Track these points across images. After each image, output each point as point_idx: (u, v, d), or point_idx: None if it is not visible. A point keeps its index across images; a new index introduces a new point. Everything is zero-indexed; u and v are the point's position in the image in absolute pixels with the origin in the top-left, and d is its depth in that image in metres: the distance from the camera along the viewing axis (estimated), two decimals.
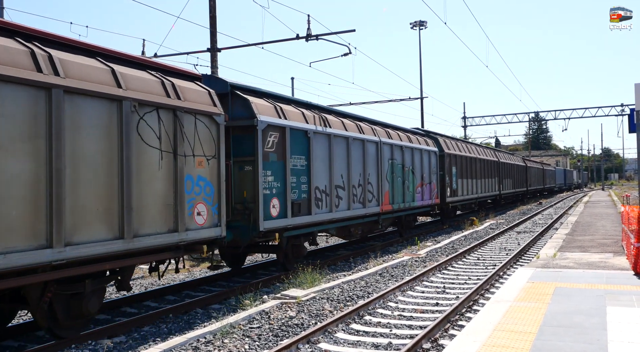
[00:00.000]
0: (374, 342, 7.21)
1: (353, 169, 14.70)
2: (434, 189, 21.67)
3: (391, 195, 17.19)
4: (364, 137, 15.49)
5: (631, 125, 14.33)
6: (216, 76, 11.27)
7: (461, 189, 25.56)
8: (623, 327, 6.41)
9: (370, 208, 15.61)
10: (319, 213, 12.92)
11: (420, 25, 43.19)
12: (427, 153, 21.02)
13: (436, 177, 21.89)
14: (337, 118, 14.74)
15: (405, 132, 20.26)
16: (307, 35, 19.24)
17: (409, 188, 18.84)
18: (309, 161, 12.55)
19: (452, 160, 24.29)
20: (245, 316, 8.32)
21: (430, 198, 21.14)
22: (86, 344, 7.38)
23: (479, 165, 29.31)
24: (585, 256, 12.54)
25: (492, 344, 5.93)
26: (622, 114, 51.45)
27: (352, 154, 14.72)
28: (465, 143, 29.96)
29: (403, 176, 18.25)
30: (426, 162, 20.84)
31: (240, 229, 10.79)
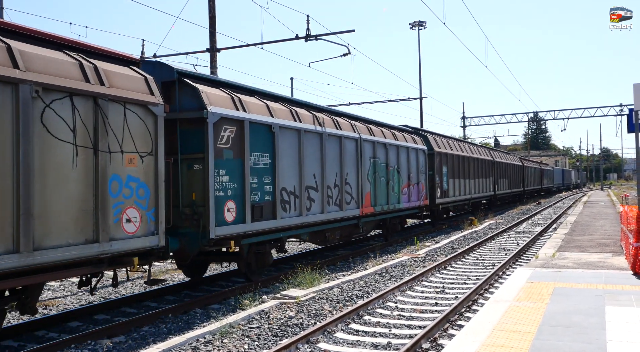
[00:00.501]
0: (373, 342, 7.22)
1: (328, 169, 13.39)
2: (422, 190, 20.47)
3: (373, 196, 15.93)
4: (342, 134, 14.14)
5: (630, 126, 14.35)
6: (161, 62, 9.90)
7: (453, 189, 24.40)
8: (622, 327, 6.42)
9: (348, 211, 14.38)
10: (286, 217, 11.58)
11: (419, 25, 43.20)
12: (414, 151, 19.75)
13: (425, 177, 20.76)
14: (310, 112, 13.32)
15: (391, 129, 18.87)
16: (306, 36, 19.25)
17: (394, 189, 17.55)
18: (274, 159, 11.20)
19: (442, 159, 23.20)
20: (244, 316, 8.32)
21: (418, 199, 19.91)
22: (85, 344, 7.38)
23: (473, 164, 28.18)
24: (584, 255, 12.55)
25: (491, 343, 5.95)
26: (621, 114, 51.48)
27: (327, 151, 13.40)
28: (458, 141, 28.63)
29: (387, 176, 16.96)
30: (413, 161, 19.61)
31: (189, 237, 9.47)
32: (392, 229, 18.96)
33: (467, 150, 28.23)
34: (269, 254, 11.69)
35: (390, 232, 18.84)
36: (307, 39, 19.29)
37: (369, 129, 16.32)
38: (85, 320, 8.97)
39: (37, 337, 8.06)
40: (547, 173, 63.56)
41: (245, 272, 11.09)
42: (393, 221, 18.75)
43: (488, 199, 33.39)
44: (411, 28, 43.63)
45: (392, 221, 18.67)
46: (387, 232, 18.62)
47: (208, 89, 10.05)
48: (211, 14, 17.87)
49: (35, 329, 8.30)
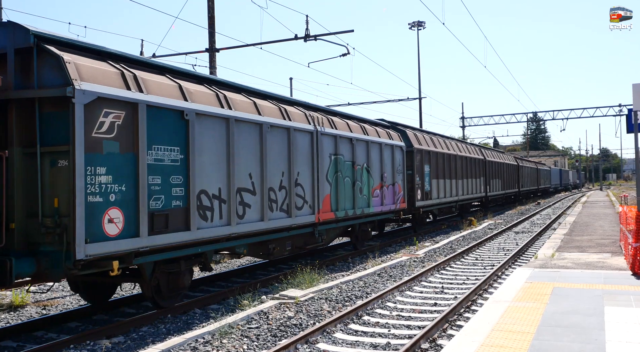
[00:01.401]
0: (373, 343, 7.22)
1: (271, 167, 11.10)
2: (399, 192, 18.06)
3: (334, 200, 13.69)
4: (291, 125, 11.80)
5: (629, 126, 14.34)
6: (15, 22, 7.35)
7: (436, 190, 22.14)
8: (621, 327, 6.42)
9: (300, 217, 12.12)
10: (206, 227, 9.17)
11: (418, 25, 43.20)
12: (389, 148, 17.35)
13: (402, 177, 18.38)
14: (248, 98, 11.02)
15: (360, 121, 16.55)
16: (305, 36, 19.25)
17: (362, 191, 15.21)
18: (187, 154, 8.77)
19: (424, 157, 20.94)
20: (243, 316, 8.32)
21: (394, 202, 17.52)
22: (84, 344, 7.37)
23: (460, 163, 25.96)
24: (584, 256, 12.56)
25: (491, 344, 5.94)
26: (620, 114, 51.53)
27: (269, 146, 11.05)
28: (444, 138, 26.07)
29: (353, 176, 14.66)
30: (388, 159, 17.24)
31: (50, 257, 7.15)
32: (363, 237, 16.45)
33: (454, 147, 26.00)
34: (185, 274, 9.22)
35: (361, 240, 16.39)
36: (306, 39, 19.29)
37: (330, 121, 13.94)
38: (84, 320, 8.96)
39: (36, 338, 8.05)
40: (544, 173, 61.69)
41: (153, 296, 8.78)
42: (363, 228, 16.25)
43: (479, 201, 31.45)
44: (410, 28, 43.64)
45: (362, 227, 16.19)
46: (357, 241, 16.21)
47: (82, 59, 7.60)
48: (210, 14, 17.87)
49: (34, 329, 8.29)
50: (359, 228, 16.03)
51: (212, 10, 17.87)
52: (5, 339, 7.84)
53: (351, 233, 16.06)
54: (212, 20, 17.93)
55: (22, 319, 9.06)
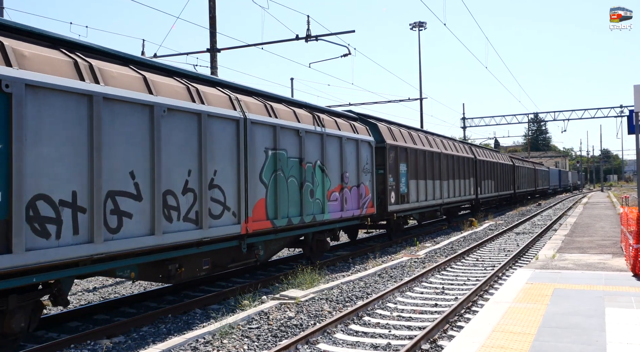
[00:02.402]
0: (373, 343, 7.21)
1: (168, 163, 8.39)
2: (366, 195, 15.45)
3: (272, 205, 11.04)
4: (203, 110, 9.12)
5: (630, 127, 14.33)
6: None
7: (415, 192, 19.53)
8: (622, 329, 6.41)
9: (217, 229, 9.41)
10: (45, 247, 6.59)
11: (419, 26, 43.23)
12: (352, 143, 14.73)
13: (371, 177, 15.82)
14: (135, 72, 8.31)
15: (315, 110, 13.90)
16: (306, 36, 19.26)
17: (314, 194, 12.64)
18: (8, 143, 6.27)
19: (399, 154, 18.20)
20: (244, 316, 8.32)
21: (359, 207, 14.93)
22: (85, 344, 7.38)
23: (446, 162, 23.44)
24: (584, 257, 12.55)
25: (491, 345, 5.94)
26: (621, 115, 51.54)
27: (166, 136, 8.35)
28: (425, 134, 23.44)
29: (301, 176, 12.11)
30: (351, 156, 14.67)
31: None
32: (320, 248, 13.80)
33: (439, 145, 23.46)
34: (14, 314, 6.70)
35: (317, 251, 13.75)
36: (307, 39, 19.30)
37: (268, 107, 11.33)
38: (85, 320, 8.96)
39: (37, 337, 8.06)
40: (542, 174, 59.02)
41: None
42: (318, 237, 13.58)
43: (469, 203, 28.54)
44: (411, 29, 43.66)
45: (317, 237, 13.55)
46: (311, 253, 13.54)
47: None
48: (211, 14, 17.87)
49: (35, 328, 8.29)
50: (312, 238, 13.34)
51: (213, 10, 17.87)
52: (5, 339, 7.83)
53: (304, 244, 13.39)
54: (213, 21, 17.93)
55: None
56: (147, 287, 11.69)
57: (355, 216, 14.90)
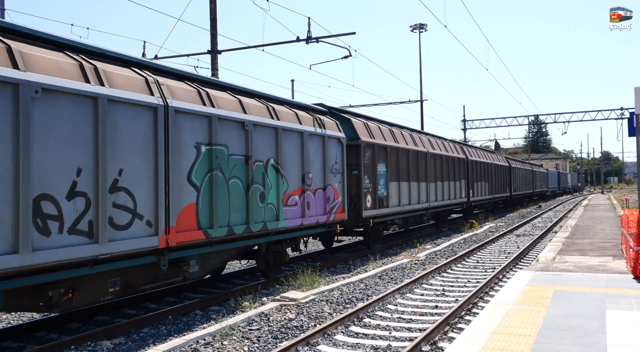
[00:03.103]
0: (373, 345, 7.21)
1: (43, 160, 6.66)
2: (335, 198, 13.60)
3: (205, 212, 9.12)
4: (101, 93, 7.35)
5: (631, 129, 14.36)
6: None
7: (396, 196, 17.67)
8: (622, 331, 6.41)
9: (122, 242, 7.60)
10: None
11: (420, 28, 43.29)
12: (317, 139, 12.89)
13: (341, 178, 13.98)
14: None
15: (269, 100, 11.86)
16: (307, 38, 19.28)
17: (266, 198, 10.77)
18: None
19: (377, 153, 16.38)
20: (244, 317, 8.32)
21: (325, 212, 13.03)
22: (85, 345, 7.38)
23: (433, 163, 21.67)
24: (585, 259, 12.55)
25: (492, 347, 5.94)
26: (622, 117, 51.55)
27: (41, 126, 6.64)
28: (410, 132, 21.29)
29: (247, 177, 10.23)
30: (316, 154, 12.79)
31: None
32: (277, 261, 11.96)
33: (425, 143, 21.57)
34: None
35: (275, 264, 11.95)
36: (308, 41, 19.32)
37: (202, 94, 9.41)
38: (85, 321, 8.96)
39: (37, 338, 8.06)
40: (541, 176, 57.43)
41: None
42: (275, 248, 11.78)
43: (460, 207, 26.81)
44: (412, 31, 43.72)
45: (273, 248, 11.74)
46: (267, 266, 11.70)
47: None
48: (212, 16, 17.90)
49: (35, 330, 8.30)
50: (266, 249, 11.55)
51: (214, 12, 17.90)
52: (6, 340, 7.85)
53: (257, 256, 11.59)
54: (214, 22, 17.95)
55: (24, 320, 9.07)
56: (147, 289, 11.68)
57: (321, 223, 12.94)
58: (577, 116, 54.90)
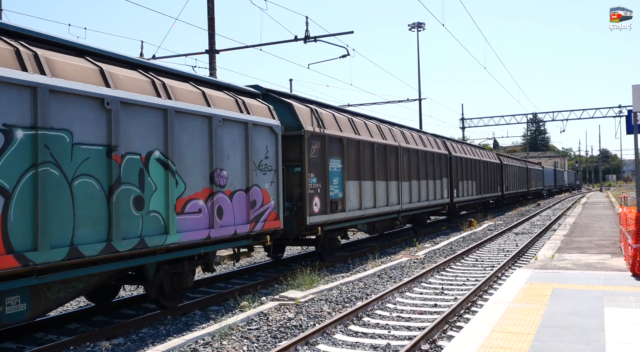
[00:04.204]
0: (373, 344, 7.22)
1: None
2: (265, 202, 10.97)
3: (23, 227, 6.47)
4: None
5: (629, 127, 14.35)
6: None
7: (356, 197, 14.96)
8: (621, 328, 6.42)
9: None
10: None
11: (418, 27, 43.28)
12: (236, 127, 10.23)
13: (274, 177, 11.38)
14: None
15: (158, 73, 9.09)
16: (305, 37, 19.28)
17: (146, 204, 8.13)
18: None
19: (329, 146, 13.50)
20: (243, 317, 8.32)
21: (250, 220, 10.42)
22: (84, 345, 7.37)
23: (407, 159, 18.95)
24: (583, 257, 12.56)
25: (490, 345, 5.94)
26: (620, 115, 51.61)
27: None
28: (379, 122, 18.57)
29: (110, 175, 7.59)
30: (233, 145, 10.12)
31: None
32: (176, 285, 9.22)
33: (397, 136, 18.61)
34: None
35: (170, 290, 9.15)
36: (306, 40, 19.32)
37: (24, 57, 6.71)
38: (84, 322, 8.95)
39: (36, 339, 8.05)
40: (536, 174, 55.10)
41: None
42: (171, 270, 9.06)
43: (441, 208, 24.17)
44: (410, 29, 43.71)
45: (168, 269, 9.00)
46: (160, 293, 9.01)
47: None
48: (210, 15, 17.89)
49: (34, 330, 8.29)
50: (155, 275, 8.74)
51: (212, 11, 17.88)
52: (5, 341, 7.84)
53: (143, 281, 8.84)
54: (212, 22, 17.94)
55: None
56: None
57: (242, 234, 10.27)
58: (575, 114, 54.96)
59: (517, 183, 42.09)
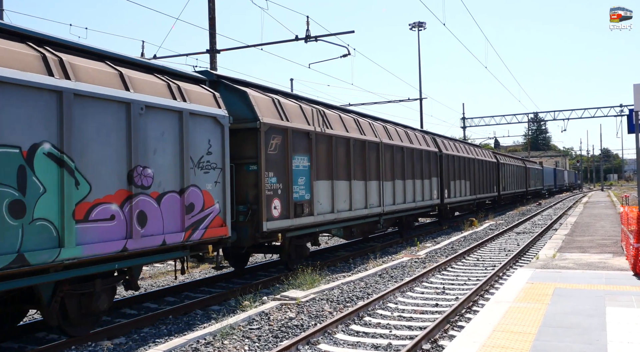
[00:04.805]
0: (374, 343, 7.21)
1: None
2: (207, 206, 9.35)
3: None
4: None
5: (630, 126, 14.35)
6: None
7: (327, 199, 13.31)
8: (622, 328, 6.41)
9: None
10: None
11: (419, 26, 43.26)
12: (169, 117, 8.67)
13: (220, 176, 9.75)
14: None
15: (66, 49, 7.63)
16: (306, 37, 19.26)
17: (29, 211, 6.48)
18: None
19: (292, 141, 11.89)
20: (245, 317, 8.32)
21: (186, 228, 8.79)
22: (86, 345, 7.38)
23: (390, 156, 17.36)
24: (585, 256, 12.55)
25: (492, 344, 5.94)
26: (621, 114, 51.52)
27: None
28: (357, 116, 16.81)
29: None
30: (163, 138, 8.52)
31: None
32: (84, 309, 7.69)
33: (378, 131, 17.01)
34: None
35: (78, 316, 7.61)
36: (307, 40, 19.30)
37: None
38: None
39: (38, 339, 8.06)
40: (535, 173, 53.56)
41: None
42: (73, 290, 7.50)
43: (431, 209, 22.55)
44: (411, 29, 43.69)
45: (70, 290, 7.44)
46: (64, 320, 7.44)
47: None
48: (211, 15, 17.88)
49: (35, 330, 8.30)
50: (52, 297, 7.19)
51: (213, 11, 17.88)
52: (6, 341, 7.85)
53: (38, 305, 7.28)
54: (213, 22, 17.94)
55: (24, 321, 9.06)
56: (148, 289, 11.69)
57: (174, 245, 8.60)
58: (576, 113, 54.90)
59: (515, 183, 40.74)
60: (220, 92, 10.73)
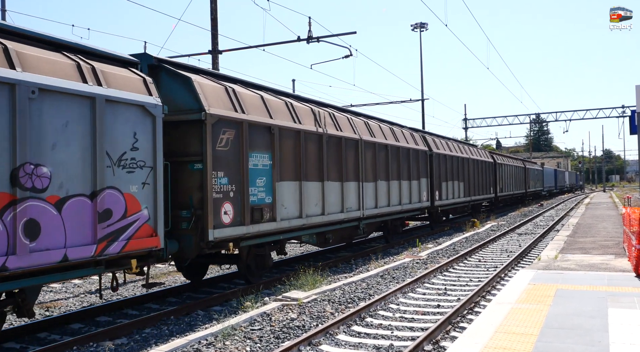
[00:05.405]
0: (375, 344, 7.21)
1: None
2: (130, 212, 7.89)
3: None
4: None
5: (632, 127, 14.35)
6: None
7: (295, 202, 11.92)
8: (625, 329, 6.40)
9: None
10: None
11: (421, 27, 43.28)
12: (77, 103, 7.17)
13: (150, 177, 8.29)
14: None
15: None
16: (308, 37, 19.29)
17: None
18: None
19: (248, 136, 10.43)
20: (246, 317, 8.32)
21: (96, 240, 7.29)
22: (87, 346, 7.38)
23: (372, 155, 15.86)
24: (587, 257, 12.53)
25: (494, 346, 5.93)
26: (623, 115, 51.43)
27: None
28: (332, 110, 14.92)
29: None
30: (66, 129, 7.02)
31: None
32: None
33: (358, 127, 15.50)
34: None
35: None
36: (308, 40, 19.33)
37: None
38: (87, 322, 8.97)
39: (39, 339, 8.06)
40: (535, 173, 51.87)
41: None
42: None
43: (420, 212, 20.65)
44: (413, 30, 43.72)
45: None
46: None
47: None
48: (213, 16, 17.90)
49: (37, 331, 8.30)
50: None
51: (215, 12, 17.90)
52: (8, 341, 7.85)
53: None
54: (215, 22, 17.96)
55: (26, 321, 9.07)
56: (149, 289, 11.69)
57: (81, 260, 7.14)
58: (578, 114, 54.84)
59: (513, 184, 39.14)
60: (162, 79, 9.54)
